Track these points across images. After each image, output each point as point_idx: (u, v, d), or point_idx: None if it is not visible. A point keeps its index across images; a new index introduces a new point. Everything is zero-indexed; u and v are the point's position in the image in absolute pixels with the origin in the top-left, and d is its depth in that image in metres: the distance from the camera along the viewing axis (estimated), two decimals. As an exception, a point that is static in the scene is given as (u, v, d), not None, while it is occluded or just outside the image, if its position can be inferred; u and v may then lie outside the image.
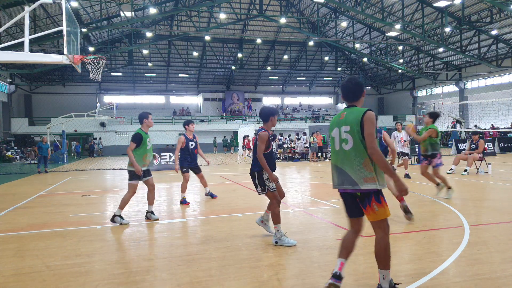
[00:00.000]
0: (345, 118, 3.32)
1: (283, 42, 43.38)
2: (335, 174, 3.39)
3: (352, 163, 3.23)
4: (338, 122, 3.39)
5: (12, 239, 5.53)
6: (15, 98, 38.11)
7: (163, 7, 31.15)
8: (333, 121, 3.46)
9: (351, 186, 3.24)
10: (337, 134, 3.37)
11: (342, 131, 3.32)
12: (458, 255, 4.29)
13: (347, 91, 3.42)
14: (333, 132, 3.43)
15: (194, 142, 8.35)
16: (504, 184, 10.01)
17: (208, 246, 4.89)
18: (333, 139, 3.42)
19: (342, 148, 3.32)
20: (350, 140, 3.25)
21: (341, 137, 3.32)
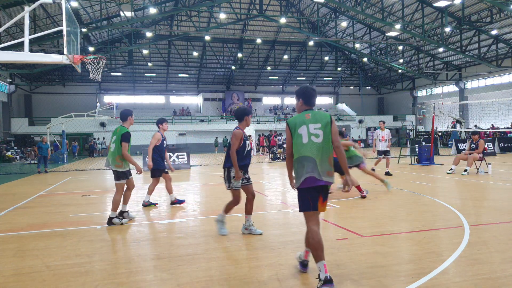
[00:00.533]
0: (312, 118, 3.65)
1: (283, 42, 43.39)
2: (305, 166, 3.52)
3: (322, 154, 3.53)
4: (304, 121, 3.64)
5: (12, 239, 5.53)
6: (15, 98, 38.12)
7: (163, 7, 31.16)
8: (298, 121, 3.67)
9: (324, 179, 3.51)
10: (305, 130, 3.60)
11: (311, 128, 3.59)
12: (458, 255, 4.28)
13: (311, 97, 3.79)
14: (299, 129, 3.62)
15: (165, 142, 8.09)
16: (504, 184, 10.01)
17: (208, 246, 4.89)
18: (300, 135, 3.60)
19: (312, 140, 3.55)
20: (321, 134, 3.56)
21: (311, 132, 3.58)
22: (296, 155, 3.62)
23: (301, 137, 3.60)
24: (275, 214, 6.90)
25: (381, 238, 5.03)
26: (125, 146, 6.08)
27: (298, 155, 3.60)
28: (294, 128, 3.66)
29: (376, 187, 9.93)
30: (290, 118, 3.78)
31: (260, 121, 43.78)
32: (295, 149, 3.64)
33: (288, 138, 3.76)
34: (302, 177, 3.52)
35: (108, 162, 6.34)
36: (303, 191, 3.57)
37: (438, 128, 36.37)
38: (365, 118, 45.05)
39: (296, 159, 3.61)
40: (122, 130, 6.20)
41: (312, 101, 3.79)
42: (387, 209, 7.01)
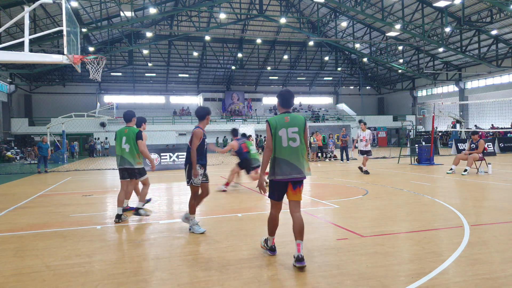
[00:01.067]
0: (290, 121, 4.16)
1: (283, 42, 43.38)
2: (284, 167, 4.12)
3: (299, 157, 4.15)
4: (284, 124, 4.15)
5: (12, 239, 5.53)
6: (15, 98, 38.11)
7: (163, 7, 31.15)
8: (278, 123, 4.14)
9: (298, 175, 4.16)
10: (285, 134, 4.13)
11: (289, 132, 4.13)
12: (458, 255, 4.29)
13: (288, 100, 4.27)
14: (280, 131, 4.12)
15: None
16: (504, 184, 10.01)
17: (208, 246, 4.89)
18: (280, 137, 4.12)
19: (289, 145, 4.14)
20: (297, 138, 4.14)
21: (289, 137, 4.13)
22: (276, 155, 4.15)
23: (281, 140, 4.12)
24: (275, 214, 6.89)
25: (381, 238, 5.03)
26: (142, 144, 6.41)
27: (278, 155, 4.14)
28: (275, 128, 4.13)
29: (377, 187, 9.93)
30: (270, 118, 4.21)
31: (260, 121, 43.77)
32: (275, 148, 4.15)
33: (268, 136, 4.18)
34: (280, 175, 4.12)
35: (125, 162, 6.47)
36: (274, 183, 4.22)
37: (438, 128, 36.38)
38: (365, 118, 44.99)
39: (275, 158, 4.15)
40: (134, 130, 6.51)
41: (289, 104, 4.26)
42: (387, 209, 7.01)
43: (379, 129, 45.09)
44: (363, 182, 11.17)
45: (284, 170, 4.11)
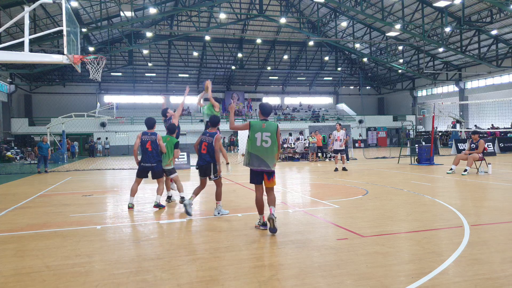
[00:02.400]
0: (266, 127, 5.45)
1: (283, 42, 43.37)
2: (255, 160, 5.46)
3: (269, 155, 5.44)
4: (261, 129, 5.44)
5: (12, 239, 5.53)
6: (15, 98, 38.09)
7: (163, 7, 31.14)
8: (256, 127, 5.45)
9: (266, 168, 5.44)
10: (260, 136, 5.42)
11: (263, 135, 5.41)
12: (458, 255, 4.29)
13: (267, 110, 5.63)
14: (256, 134, 5.44)
15: None
16: (504, 184, 10.01)
17: (208, 246, 4.89)
18: (256, 138, 5.43)
19: (262, 145, 5.42)
20: (269, 141, 5.43)
21: (263, 139, 5.41)
22: (250, 150, 5.49)
23: (256, 140, 5.44)
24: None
25: (381, 238, 5.03)
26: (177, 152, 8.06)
27: (252, 151, 5.48)
28: (254, 130, 5.45)
29: (377, 187, 9.93)
30: (252, 121, 5.54)
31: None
32: (250, 145, 5.49)
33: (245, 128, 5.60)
34: (253, 166, 5.48)
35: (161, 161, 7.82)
36: (253, 172, 5.55)
37: (438, 128, 36.38)
38: (365, 118, 45.04)
39: (249, 152, 5.50)
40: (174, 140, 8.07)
41: (267, 113, 5.63)
42: (387, 209, 7.01)
43: (379, 129, 45.09)
44: (363, 182, 11.17)
45: (255, 163, 5.46)
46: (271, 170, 5.44)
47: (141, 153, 7.70)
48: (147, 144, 7.62)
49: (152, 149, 7.61)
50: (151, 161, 7.60)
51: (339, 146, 14.77)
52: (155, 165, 7.65)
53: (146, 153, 7.61)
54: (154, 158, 7.63)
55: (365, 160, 20.89)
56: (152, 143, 7.61)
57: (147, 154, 7.60)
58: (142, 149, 7.64)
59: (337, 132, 14.84)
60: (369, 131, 43.93)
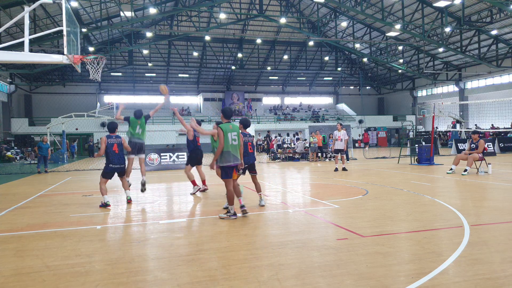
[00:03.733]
0: (233, 128, 6.52)
1: (283, 42, 43.37)
2: (231, 157, 6.40)
3: (237, 151, 6.51)
4: (229, 130, 6.47)
5: (12, 239, 5.53)
6: (15, 98, 38.09)
7: (163, 7, 31.15)
8: (226, 129, 6.43)
9: (238, 162, 6.49)
10: (230, 136, 6.43)
11: (232, 135, 6.46)
12: (458, 255, 4.29)
13: (229, 114, 6.65)
14: (228, 134, 6.41)
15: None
16: (504, 184, 10.01)
17: (208, 246, 4.89)
18: (228, 138, 6.39)
19: (232, 143, 6.44)
20: (236, 139, 6.51)
21: (232, 138, 6.45)
22: (225, 149, 6.39)
23: (228, 140, 6.40)
24: (275, 214, 6.90)
25: (381, 238, 5.03)
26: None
27: (227, 149, 6.40)
28: (226, 131, 6.42)
29: (377, 187, 9.93)
30: (221, 125, 6.49)
31: (260, 121, 43.78)
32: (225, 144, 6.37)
33: (221, 136, 6.38)
34: (226, 162, 6.40)
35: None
36: (226, 168, 6.44)
37: (438, 128, 36.37)
38: (365, 118, 45.04)
39: (225, 151, 6.39)
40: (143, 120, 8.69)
41: (230, 117, 6.65)
42: (387, 209, 7.01)
43: (379, 129, 45.08)
44: (363, 182, 11.17)
45: (231, 159, 6.40)
46: (240, 163, 6.52)
47: (109, 156, 8.01)
48: (114, 147, 8.02)
49: (119, 151, 8.10)
50: (120, 163, 8.10)
51: (341, 146, 14.82)
52: (123, 166, 8.23)
53: (114, 155, 8.01)
54: (122, 159, 8.19)
55: (365, 160, 20.89)
56: (118, 145, 8.11)
57: (115, 156, 8.02)
58: (109, 151, 7.99)
59: (338, 132, 14.91)
60: (369, 131, 43.92)
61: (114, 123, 8.52)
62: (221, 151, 6.36)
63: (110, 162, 8.02)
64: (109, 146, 8.00)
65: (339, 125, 15.02)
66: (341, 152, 14.94)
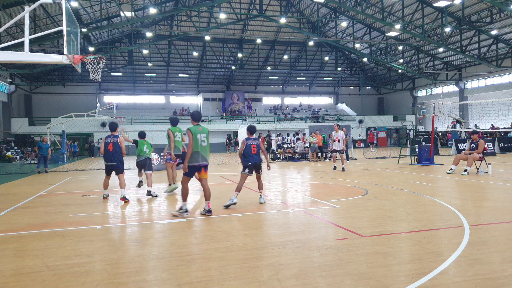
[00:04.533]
0: (202, 130, 6.83)
1: (283, 42, 43.37)
2: (199, 157, 6.70)
3: (206, 152, 6.82)
4: (199, 132, 6.77)
5: (12, 239, 5.53)
6: (15, 98, 38.10)
7: (163, 7, 31.14)
8: (196, 131, 6.73)
9: (206, 162, 6.81)
10: (200, 138, 6.73)
11: (202, 136, 6.76)
12: (458, 255, 4.29)
13: (198, 117, 6.97)
14: (197, 136, 6.71)
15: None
16: (504, 184, 10.01)
17: (208, 246, 4.89)
18: (198, 139, 6.70)
19: (201, 144, 6.74)
20: (206, 141, 6.82)
21: (201, 139, 6.75)
22: (194, 149, 6.67)
23: (198, 140, 6.70)
24: (275, 214, 6.90)
25: (381, 238, 5.03)
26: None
27: (196, 150, 6.69)
28: (195, 133, 6.70)
29: (377, 187, 9.92)
30: (190, 127, 6.77)
31: (260, 121, 43.78)
32: (194, 145, 6.64)
33: (190, 138, 6.65)
34: (194, 162, 6.69)
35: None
36: (191, 167, 6.72)
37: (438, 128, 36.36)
38: (365, 118, 45.04)
39: (195, 152, 6.67)
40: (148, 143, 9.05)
41: (198, 119, 6.98)
42: (387, 209, 7.01)
43: (379, 129, 45.07)
44: (363, 182, 11.18)
45: (199, 159, 6.71)
46: (208, 163, 6.89)
47: (104, 153, 8.65)
48: (109, 146, 8.58)
49: (113, 149, 8.55)
50: (112, 160, 8.59)
51: (339, 146, 15.05)
52: (115, 164, 8.62)
53: (108, 153, 8.59)
54: (115, 158, 8.59)
55: (365, 160, 20.89)
56: (114, 144, 8.57)
57: (108, 154, 8.59)
58: (105, 149, 8.63)
59: (335, 133, 15.18)
60: (368, 131, 43.93)
61: (114, 123, 8.95)
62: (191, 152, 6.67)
63: (104, 160, 8.72)
64: (105, 144, 8.65)
65: (336, 126, 15.31)
66: (339, 152, 15.11)
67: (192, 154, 6.63)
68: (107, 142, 8.64)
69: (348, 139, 20.92)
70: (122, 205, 8.16)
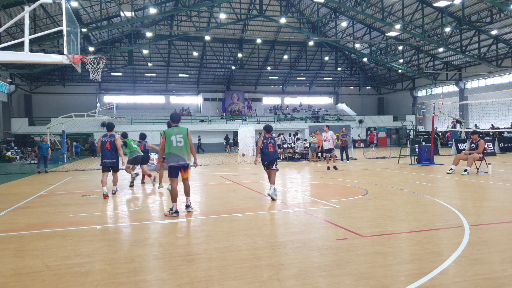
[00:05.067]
0: (178, 131, 6.92)
1: (283, 42, 43.36)
2: (174, 157, 6.85)
3: (183, 152, 6.90)
4: (174, 133, 6.89)
5: (12, 239, 5.53)
6: (15, 98, 38.09)
7: (163, 7, 31.14)
8: (170, 133, 6.88)
9: (183, 162, 6.91)
10: (174, 139, 6.85)
11: (177, 137, 6.86)
12: (458, 255, 4.29)
13: (176, 118, 7.10)
14: (171, 138, 6.85)
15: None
16: (504, 184, 10.01)
17: (208, 246, 4.89)
18: (172, 141, 6.84)
19: (177, 145, 6.86)
20: (183, 141, 6.89)
21: (177, 140, 6.85)
22: (168, 150, 6.86)
23: (172, 142, 6.85)
24: (275, 214, 6.90)
25: (381, 238, 5.03)
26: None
27: (170, 151, 6.86)
28: (169, 135, 6.87)
29: (377, 187, 9.92)
30: (166, 130, 6.98)
31: (260, 121, 43.77)
32: (167, 146, 6.87)
33: (162, 141, 6.98)
34: (170, 163, 6.86)
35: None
36: (170, 167, 6.91)
37: (438, 128, 36.35)
38: (365, 118, 45.03)
39: (168, 153, 6.87)
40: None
41: (176, 121, 7.09)
42: (387, 209, 7.01)
43: (379, 129, 45.07)
44: (363, 182, 11.17)
45: (175, 159, 6.86)
46: (187, 163, 6.93)
47: (102, 152, 9.16)
48: (107, 144, 9.09)
49: (110, 148, 9.09)
50: (111, 158, 9.15)
51: (329, 146, 15.98)
52: (115, 161, 9.21)
53: (106, 152, 9.13)
54: (112, 156, 9.14)
55: (365, 160, 20.89)
56: (111, 143, 9.10)
57: (106, 152, 9.12)
58: (103, 148, 9.14)
59: (325, 133, 16.14)
60: (368, 131, 43.92)
61: (111, 123, 9.58)
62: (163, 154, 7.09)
63: (103, 158, 9.22)
64: (103, 143, 9.14)
65: (326, 127, 16.36)
66: (330, 152, 15.92)
67: (167, 155, 6.89)
68: (104, 141, 9.11)
69: (348, 139, 20.91)
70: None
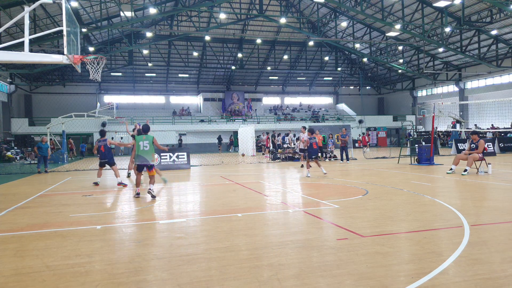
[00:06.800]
0: (146, 138, 9.00)
1: (283, 42, 43.38)
2: (141, 158, 8.94)
3: (148, 154, 9.00)
4: (142, 140, 8.98)
5: (12, 239, 5.53)
6: (15, 98, 38.09)
7: (163, 7, 31.15)
8: (139, 139, 8.99)
9: (147, 162, 9.00)
10: (142, 144, 8.96)
11: (144, 143, 8.96)
12: (458, 255, 4.29)
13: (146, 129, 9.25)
14: (139, 143, 8.95)
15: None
16: (504, 184, 10.01)
17: (208, 246, 4.89)
18: (140, 145, 8.95)
19: (144, 149, 8.95)
20: (148, 146, 9.00)
21: (144, 145, 8.96)
22: (137, 152, 8.96)
23: (140, 146, 8.94)
24: (275, 214, 6.90)
25: (381, 238, 5.03)
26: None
27: (138, 153, 8.96)
28: (138, 141, 8.97)
29: (377, 187, 9.92)
30: (136, 136, 9.19)
31: (260, 121, 43.79)
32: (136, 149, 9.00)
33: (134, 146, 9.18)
34: (138, 162, 9.01)
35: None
36: (138, 165, 9.08)
37: (438, 128, 36.36)
38: (365, 118, 45.03)
39: (137, 154, 8.97)
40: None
41: (146, 131, 9.20)
42: (387, 209, 7.01)
43: (379, 129, 45.08)
44: (363, 182, 11.18)
45: (141, 159, 8.96)
46: (150, 163, 9.04)
47: (98, 153, 12.00)
48: (101, 147, 11.82)
49: (104, 150, 11.81)
50: (104, 158, 11.91)
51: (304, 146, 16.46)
52: (107, 160, 11.92)
53: (101, 153, 11.88)
54: (106, 156, 11.87)
55: (365, 160, 20.89)
56: (104, 146, 11.81)
57: (101, 154, 11.87)
58: (98, 150, 11.93)
59: (302, 134, 16.61)
60: (369, 131, 43.93)
61: (103, 130, 12.27)
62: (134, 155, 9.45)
63: (99, 158, 12.06)
64: (98, 147, 11.88)
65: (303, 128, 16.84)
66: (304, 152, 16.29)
67: (136, 156, 9.08)
68: (99, 145, 11.80)
69: (348, 139, 20.91)
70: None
